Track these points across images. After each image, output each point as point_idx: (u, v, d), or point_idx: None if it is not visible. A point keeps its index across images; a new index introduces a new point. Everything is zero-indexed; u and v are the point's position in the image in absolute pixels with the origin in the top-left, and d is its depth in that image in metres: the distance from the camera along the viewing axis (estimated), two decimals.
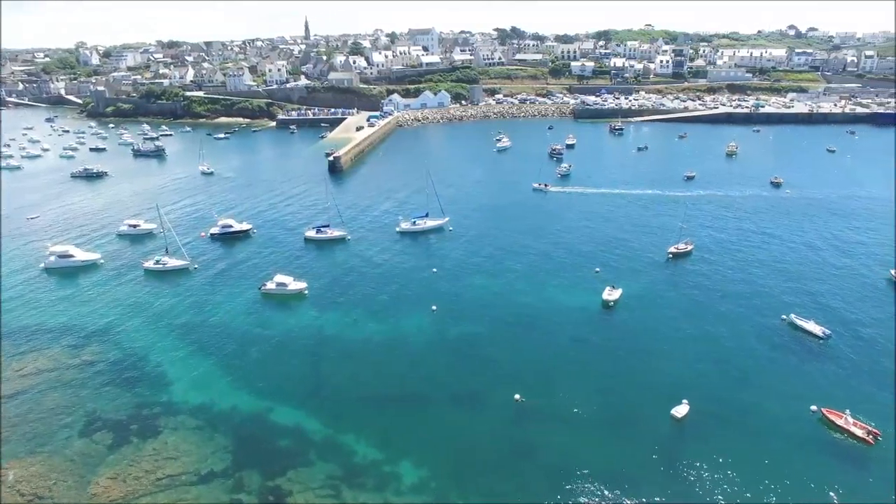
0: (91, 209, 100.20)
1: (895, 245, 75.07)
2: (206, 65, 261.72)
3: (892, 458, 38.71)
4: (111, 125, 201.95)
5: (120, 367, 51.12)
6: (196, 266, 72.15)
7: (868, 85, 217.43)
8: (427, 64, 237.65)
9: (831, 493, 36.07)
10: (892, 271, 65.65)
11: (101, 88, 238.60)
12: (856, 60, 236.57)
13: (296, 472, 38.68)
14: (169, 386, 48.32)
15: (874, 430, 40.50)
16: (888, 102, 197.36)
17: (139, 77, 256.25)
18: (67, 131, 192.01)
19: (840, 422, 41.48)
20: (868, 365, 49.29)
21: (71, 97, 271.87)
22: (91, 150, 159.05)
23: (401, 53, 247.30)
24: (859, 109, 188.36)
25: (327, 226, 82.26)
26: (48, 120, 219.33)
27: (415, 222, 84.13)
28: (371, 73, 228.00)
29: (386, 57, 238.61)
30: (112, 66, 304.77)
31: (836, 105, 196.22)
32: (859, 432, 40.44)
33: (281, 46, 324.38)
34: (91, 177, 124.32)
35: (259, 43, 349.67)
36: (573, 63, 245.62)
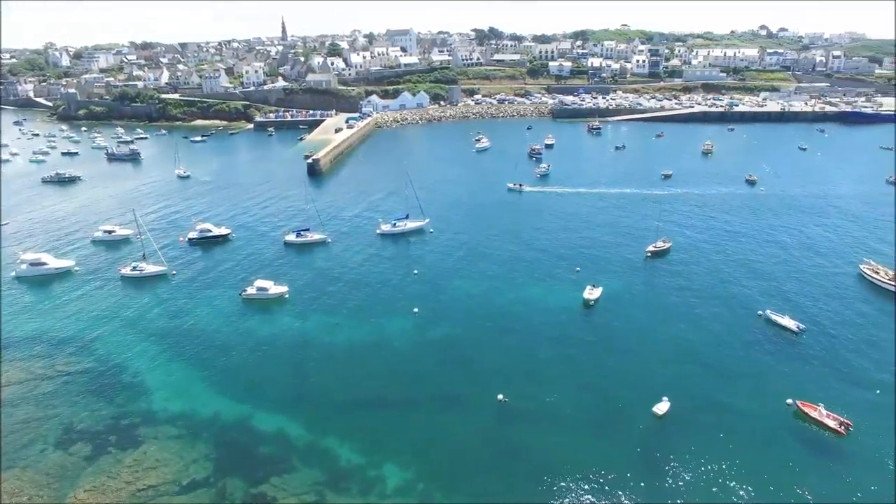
0: (64, 215, 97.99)
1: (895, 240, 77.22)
2: (181, 66, 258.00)
3: (863, 448, 39.93)
4: (83, 128, 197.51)
5: (97, 376, 50.13)
6: (174, 272, 71.08)
7: (836, 84, 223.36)
8: (405, 65, 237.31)
9: (808, 484, 37.00)
10: (862, 266, 67.55)
11: (72, 90, 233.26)
12: (824, 60, 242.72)
13: (279, 479, 38.40)
14: (148, 394, 47.54)
15: (846, 420, 41.68)
16: (855, 101, 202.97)
17: (112, 79, 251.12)
18: (37, 135, 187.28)
19: (814, 414, 42.60)
20: (840, 357, 50.67)
21: (40, 99, 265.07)
22: (63, 154, 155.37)
23: (379, 54, 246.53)
24: (828, 108, 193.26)
25: (307, 229, 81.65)
26: (16, 123, 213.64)
27: (395, 224, 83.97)
28: (349, 75, 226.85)
29: (364, 58, 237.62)
30: (83, 67, 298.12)
31: (806, 104, 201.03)
32: (832, 424, 41.59)
33: (258, 48, 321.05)
34: (63, 181, 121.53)
35: (235, 44, 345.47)
36: (551, 63, 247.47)
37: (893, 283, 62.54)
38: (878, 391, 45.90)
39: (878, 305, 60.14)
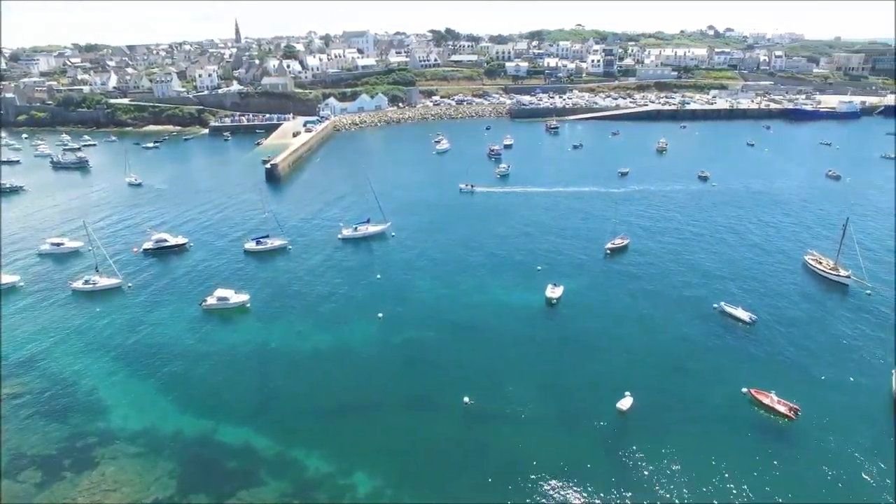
0: (6, 227, 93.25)
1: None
2: (130, 70, 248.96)
3: (810, 430, 42.10)
4: (24, 135, 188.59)
5: (48, 397, 48.07)
6: (130, 284, 68.74)
7: (779, 83, 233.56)
8: (363, 66, 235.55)
9: (763, 465, 38.74)
10: (806, 257, 70.98)
11: (10, 95, 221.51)
12: (767, 60, 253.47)
13: (247, 493, 37.76)
14: (105, 413, 45.92)
15: (795, 406, 43.88)
16: (796, 98, 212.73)
17: (55, 83, 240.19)
18: None
19: (766, 401, 44.67)
20: (788, 345, 53.16)
21: None
22: (2, 162, 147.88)
23: (335, 56, 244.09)
24: (773, 105, 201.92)
25: (267, 236, 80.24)
26: None
27: (356, 228, 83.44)
28: (306, 77, 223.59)
29: (321, 60, 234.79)
30: (21, 70, 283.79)
31: (752, 101, 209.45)
32: (782, 409, 43.74)
33: (211, 50, 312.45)
34: (4, 192, 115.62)
35: (187, 46, 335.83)
36: (508, 63, 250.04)
37: (834, 272, 65.95)
38: (822, 377, 48.39)
39: (821, 294, 63.37)
